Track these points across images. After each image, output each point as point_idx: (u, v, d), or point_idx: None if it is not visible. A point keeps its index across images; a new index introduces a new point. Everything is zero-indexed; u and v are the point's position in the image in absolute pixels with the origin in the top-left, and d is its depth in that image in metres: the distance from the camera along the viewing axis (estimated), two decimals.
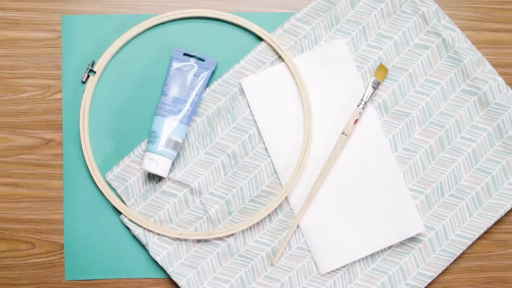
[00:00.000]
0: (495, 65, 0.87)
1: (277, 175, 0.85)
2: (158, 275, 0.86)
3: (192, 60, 0.85)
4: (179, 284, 0.85)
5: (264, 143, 0.85)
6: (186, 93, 0.84)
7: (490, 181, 0.85)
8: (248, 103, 0.86)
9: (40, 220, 0.86)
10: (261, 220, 0.85)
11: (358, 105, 0.84)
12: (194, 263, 0.85)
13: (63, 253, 0.86)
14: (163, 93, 0.84)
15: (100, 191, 0.86)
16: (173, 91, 0.84)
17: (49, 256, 0.87)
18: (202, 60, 0.86)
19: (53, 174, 0.86)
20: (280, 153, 0.85)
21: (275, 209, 0.85)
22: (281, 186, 0.85)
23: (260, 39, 0.86)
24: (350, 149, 0.85)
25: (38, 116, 0.87)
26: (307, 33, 0.86)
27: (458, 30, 0.86)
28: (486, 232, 0.87)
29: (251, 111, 0.86)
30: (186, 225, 0.85)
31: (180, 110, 0.83)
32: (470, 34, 0.87)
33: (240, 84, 0.86)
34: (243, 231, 0.85)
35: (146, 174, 0.86)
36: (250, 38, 0.87)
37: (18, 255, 0.86)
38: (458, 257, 0.86)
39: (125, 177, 0.86)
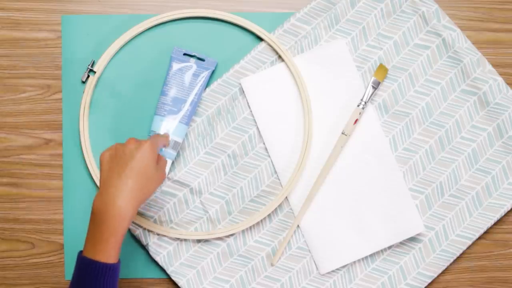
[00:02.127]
0: (495, 65, 0.87)
1: (277, 175, 0.85)
2: (158, 275, 0.86)
3: (192, 60, 0.85)
4: (179, 284, 0.85)
5: (264, 143, 0.85)
6: (186, 93, 0.84)
7: (490, 181, 0.85)
8: (248, 103, 0.86)
9: (40, 220, 0.86)
10: (261, 220, 0.85)
11: (358, 105, 0.84)
12: (194, 263, 0.85)
13: (63, 253, 0.86)
14: (163, 93, 0.84)
15: None
16: (173, 91, 0.84)
17: (49, 256, 0.87)
18: (202, 60, 0.86)
19: (53, 174, 0.86)
20: (280, 153, 0.85)
21: (275, 209, 0.85)
22: (281, 186, 0.85)
23: (260, 39, 0.86)
24: (350, 149, 0.85)
25: (38, 116, 0.87)
26: (307, 33, 0.86)
27: (458, 30, 0.86)
28: (486, 232, 0.87)
29: (251, 111, 0.86)
30: (186, 225, 0.85)
31: (180, 110, 0.83)
32: (470, 34, 0.87)
33: (240, 84, 0.86)
34: (243, 231, 0.85)
35: None
36: (250, 38, 0.87)
37: (18, 255, 0.86)
38: (458, 257, 0.86)
39: None
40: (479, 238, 0.87)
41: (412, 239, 0.85)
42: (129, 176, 0.69)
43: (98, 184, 0.85)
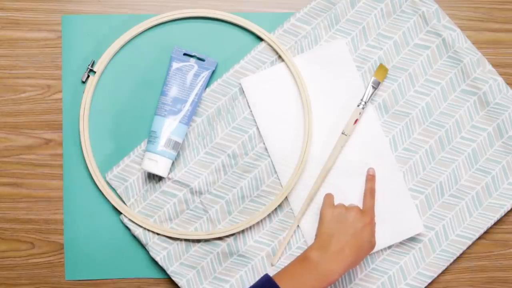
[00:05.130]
0: (495, 65, 0.87)
1: (277, 175, 0.85)
2: (158, 275, 0.86)
3: (192, 60, 0.85)
4: (179, 284, 0.85)
5: (264, 143, 0.85)
6: (186, 93, 0.84)
7: (490, 181, 0.85)
8: (248, 103, 0.86)
9: (40, 220, 0.86)
10: (261, 220, 0.85)
11: (358, 105, 0.84)
12: (194, 263, 0.85)
13: (63, 253, 0.86)
14: (163, 93, 0.84)
15: (100, 191, 0.86)
16: (173, 91, 0.84)
17: (49, 256, 0.87)
18: (202, 60, 0.86)
19: (53, 174, 0.86)
20: (280, 153, 0.85)
21: (275, 209, 0.85)
22: (281, 186, 0.85)
23: (260, 39, 0.86)
24: (350, 149, 0.85)
25: (38, 116, 0.87)
26: (307, 33, 0.86)
27: (458, 30, 0.86)
28: (486, 232, 0.87)
29: (251, 111, 0.86)
30: (186, 225, 0.85)
31: (180, 110, 0.83)
32: (470, 34, 0.87)
33: (240, 84, 0.86)
34: (243, 231, 0.85)
35: (146, 174, 0.86)
36: (250, 38, 0.87)
37: (18, 255, 0.86)
38: (458, 257, 0.86)
39: (125, 177, 0.86)
40: (479, 238, 0.87)
41: (412, 239, 0.85)
42: (351, 254, 0.74)
43: (98, 184, 0.85)
